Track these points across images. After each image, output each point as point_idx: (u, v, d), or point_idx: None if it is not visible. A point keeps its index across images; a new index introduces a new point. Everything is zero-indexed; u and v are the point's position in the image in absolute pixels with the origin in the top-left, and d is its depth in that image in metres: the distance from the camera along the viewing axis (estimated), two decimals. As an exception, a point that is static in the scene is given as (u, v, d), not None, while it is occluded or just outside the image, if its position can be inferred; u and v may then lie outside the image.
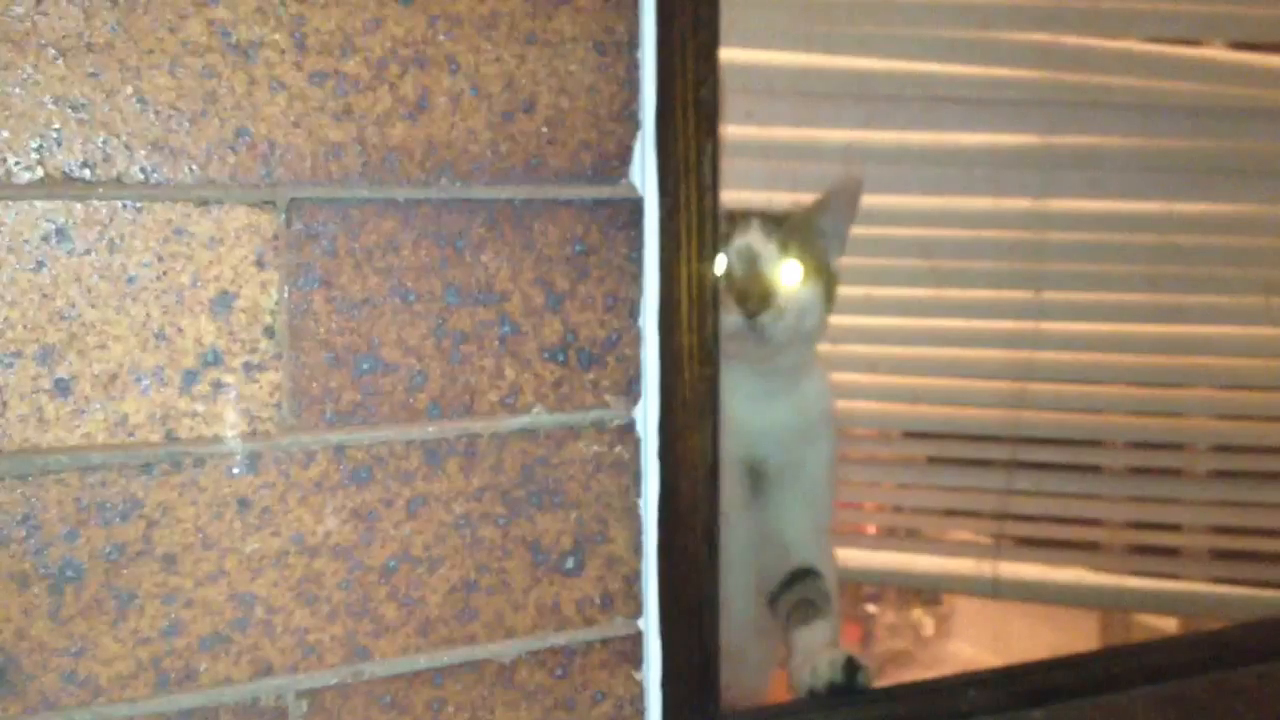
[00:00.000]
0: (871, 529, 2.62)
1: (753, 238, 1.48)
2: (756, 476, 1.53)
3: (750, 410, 1.51)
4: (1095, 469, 2.43)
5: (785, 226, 1.51)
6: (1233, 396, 2.34)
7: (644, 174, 0.98)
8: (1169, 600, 2.40)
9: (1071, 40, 2.10)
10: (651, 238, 0.99)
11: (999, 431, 2.29)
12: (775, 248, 1.48)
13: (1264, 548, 2.33)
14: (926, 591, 3.08)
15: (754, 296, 1.45)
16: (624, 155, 0.97)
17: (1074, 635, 2.69)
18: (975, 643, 3.13)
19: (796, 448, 1.55)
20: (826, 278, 1.53)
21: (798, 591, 1.51)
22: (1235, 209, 2.21)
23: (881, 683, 1.29)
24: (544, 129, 0.94)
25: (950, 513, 2.44)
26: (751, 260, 1.47)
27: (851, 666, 1.25)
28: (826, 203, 1.56)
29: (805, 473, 1.56)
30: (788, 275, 1.48)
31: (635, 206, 0.98)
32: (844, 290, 1.64)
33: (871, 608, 3.16)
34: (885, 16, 2.06)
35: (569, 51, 0.94)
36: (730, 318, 1.43)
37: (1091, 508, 2.39)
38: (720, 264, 1.46)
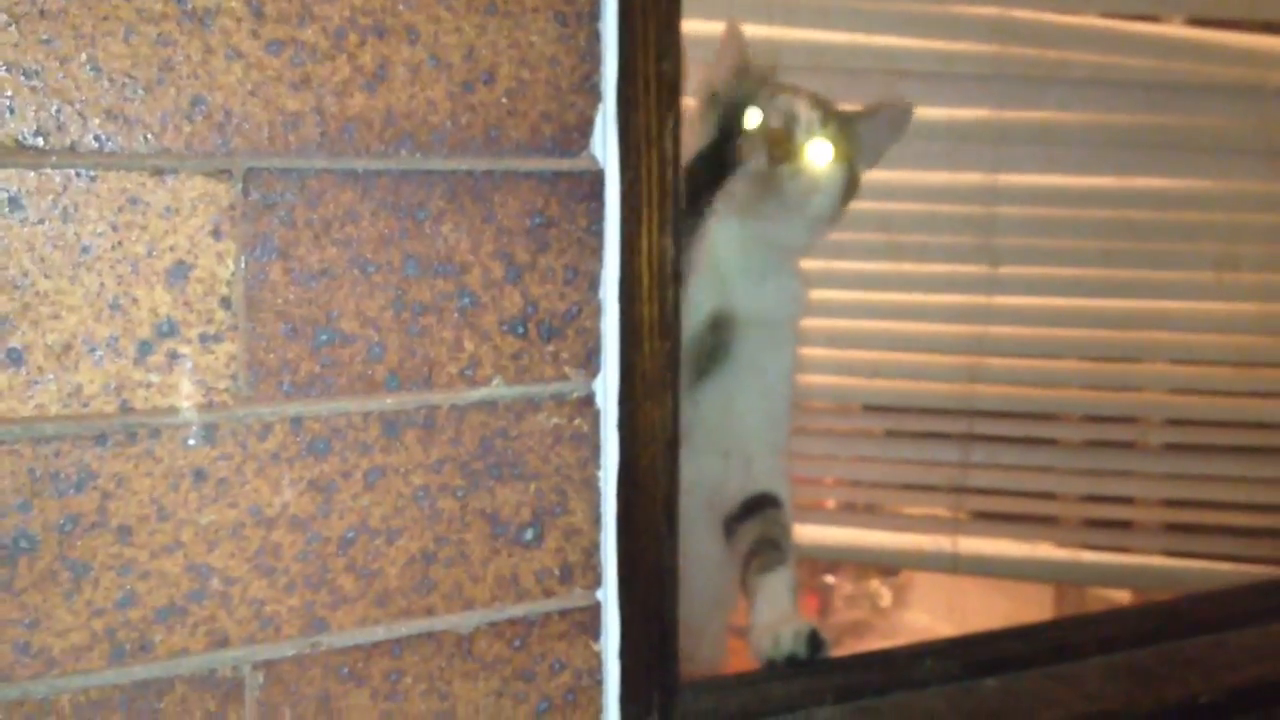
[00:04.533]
0: (830, 504, 2.63)
1: (798, 104, 1.50)
2: (721, 335, 1.51)
3: (730, 266, 1.51)
4: (1050, 443, 2.45)
5: (830, 110, 1.53)
6: (1185, 371, 2.37)
7: (605, 146, 0.98)
8: (1124, 574, 2.42)
9: (1027, 15, 2.11)
10: (613, 210, 0.99)
11: (955, 406, 2.30)
12: (817, 119, 1.50)
13: (1216, 520, 2.37)
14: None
15: (783, 146, 1.47)
16: (585, 127, 0.97)
17: (1029, 606, 2.72)
18: (932, 613, 3.16)
19: (761, 333, 1.54)
20: (851, 176, 1.54)
21: (758, 525, 1.49)
22: (1188, 184, 2.23)
23: (839, 653, 1.30)
24: (504, 100, 0.93)
25: (908, 487, 2.45)
26: (791, 119, 1.49)
27: (814, 640, 1.26)
28: (874, 111, 1.57)
29: (765, 373, 1.54)
30: (818, 149, 1.49)
31: (596, 178, 0.98)
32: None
33: (830, 578, 3.19)
34: (844, -11, 2.07)
35: (529, 22, 0.94)
36: (753, 162, 1.46)
37: (1047, 481, 2.41)
38: (758, 117, 1.49)
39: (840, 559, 2.90)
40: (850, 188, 1.54)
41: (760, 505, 1.51)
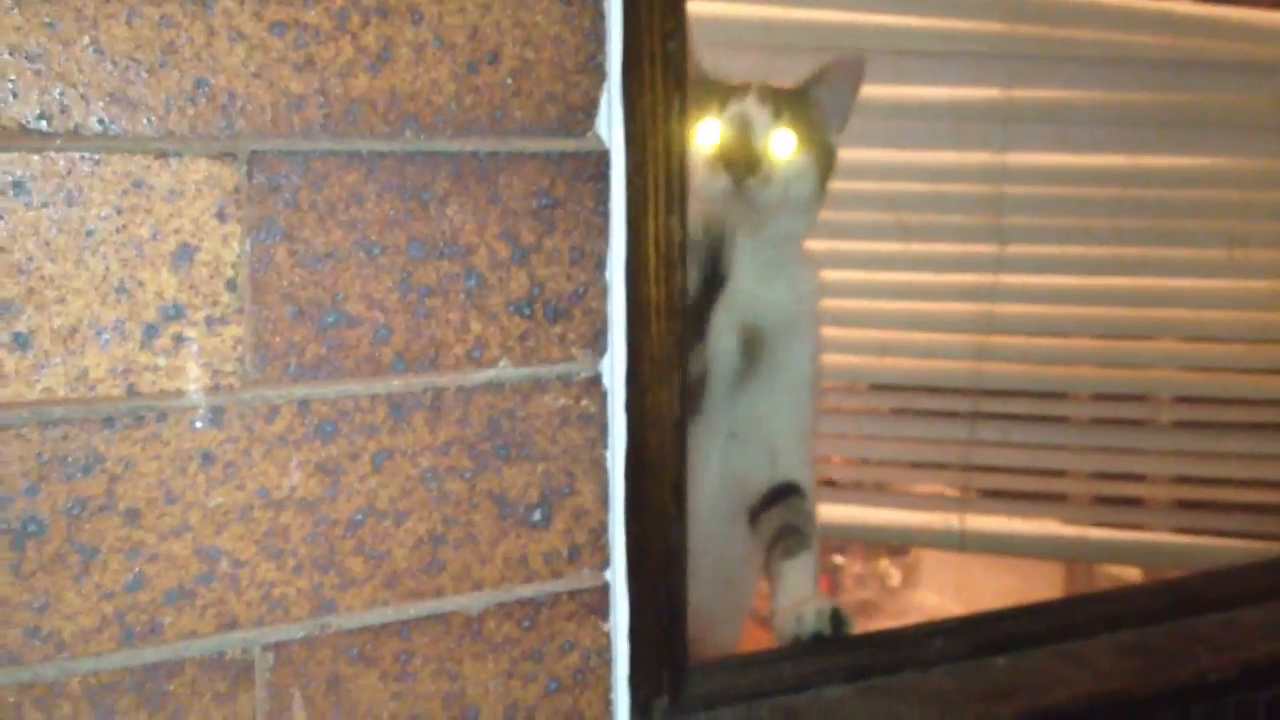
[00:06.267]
0: (838, 482, 2.63)
1: (747, 105, 1.49)
2: (750, 347, 1.52)
3: (744, 277, 1.52)
4: (1059, 420, 2.44)
5: (781, 96, 1.51)
6: (1195, 348, 2.36)
7: (610, 126, 0.98)
8: (1133, 551, 2.42)
9: (1035, -8, 2.10)
10: (618, 191, 0.99)
11: (964, 384, 2.30)
12: (769, 115, 1.49)
13: (1226, 497, 2.36)
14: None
15: (741, 162, 1.46)
16: (590, 107, 0.97)
17: (1038, 584, 2.72)
18: (941, 592, 3.16)
19: (785, 331, 1.54)
20: (822, 149, 1.53)
21: (781, 514, 1.51)
22: (1198, 162, 2.22)
23: (848, 632, 1.31)
24: (509, 80, 0.93)
25: (916, 465, 2.45)
26: (745, 126, 1.48)
27: (837, 618, 1.28)
28: (825, 73, 1.56)
29: (790, 368, 1.55)
30: (780, 143, 1.49)
31: (602, 159, 0.97)
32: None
33: (839, 558, 3.19)
34: (849, -32, 2.05)
35: (533, 2, 0.93)
36: (718, 180, 1.46)
37: (1056, 459, 2.40)
38: (714, 131, 1.48)
39: (848, 537, 2.90)
40: (826, 162, 1.54)
41: (784, 494, 1.53)
